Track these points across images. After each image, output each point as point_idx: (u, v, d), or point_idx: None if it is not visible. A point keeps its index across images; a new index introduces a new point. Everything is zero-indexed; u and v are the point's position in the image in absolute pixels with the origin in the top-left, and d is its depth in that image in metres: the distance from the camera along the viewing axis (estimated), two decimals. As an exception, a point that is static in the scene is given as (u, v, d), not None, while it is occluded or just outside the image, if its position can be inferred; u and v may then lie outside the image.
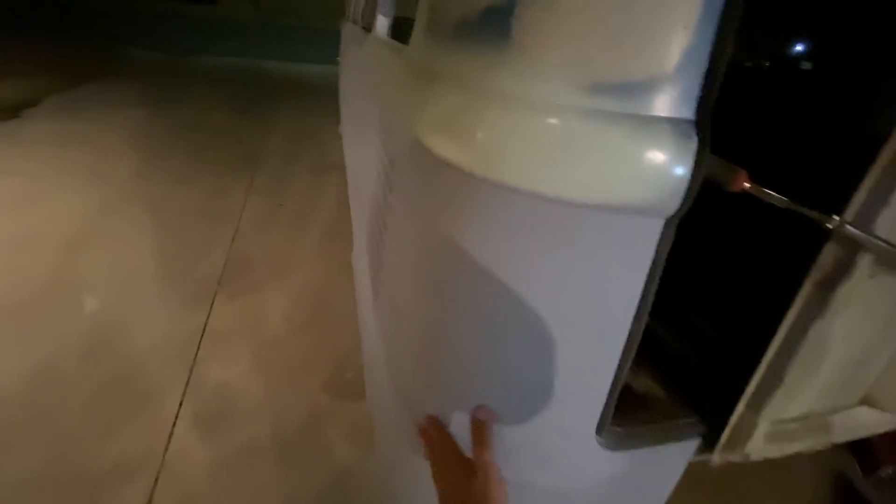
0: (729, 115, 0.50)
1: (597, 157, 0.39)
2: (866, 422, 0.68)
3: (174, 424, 1.63)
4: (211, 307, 2.22)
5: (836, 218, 0.43)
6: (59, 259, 2.46)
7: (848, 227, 0.42)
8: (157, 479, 1.45)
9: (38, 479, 1.42)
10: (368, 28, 1.42)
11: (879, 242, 0.43)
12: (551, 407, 0.52)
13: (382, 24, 1.20)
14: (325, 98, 5.54)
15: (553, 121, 0.38)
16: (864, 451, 1.32)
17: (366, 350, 1.16)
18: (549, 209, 0.40)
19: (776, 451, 0.62)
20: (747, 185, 0.43)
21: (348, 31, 2.74)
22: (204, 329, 2.08)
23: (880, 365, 0.61)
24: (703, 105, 0.39)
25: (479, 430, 0.52)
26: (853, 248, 0.46)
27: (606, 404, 0.52)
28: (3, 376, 1.73)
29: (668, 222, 0.42)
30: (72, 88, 5.70)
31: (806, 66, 0.94)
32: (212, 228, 2.92)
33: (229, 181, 3.63)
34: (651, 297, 0.46)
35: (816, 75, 0.86)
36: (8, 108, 4.68)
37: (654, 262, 0.44)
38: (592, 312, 0.46)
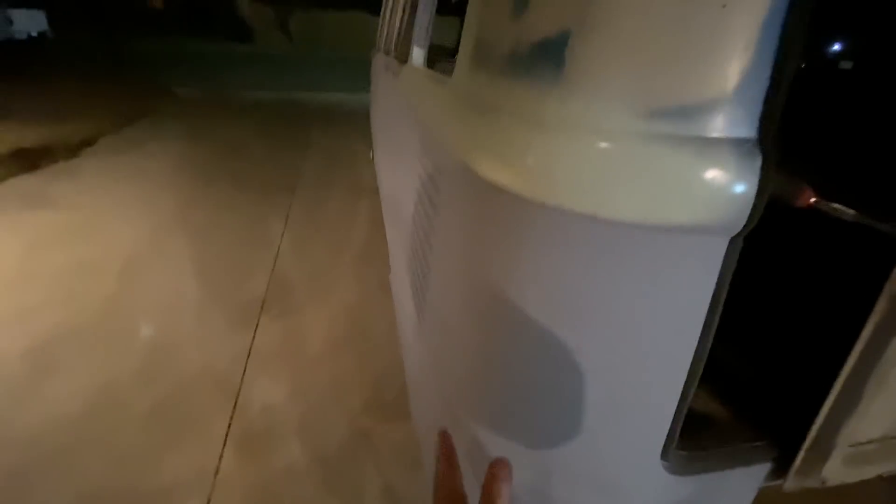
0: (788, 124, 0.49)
1: (656, 180, 0.39)
2: None
3: (224, 445, 1.68)
4: (255, 329, 2.29)
5: None
6: (114, 286, 2.61)
7: None
8: (209, 500, 1.49)
9: (97, 493, 1.49)
10: (403, 59, 1.48)
11: None
12: (616, 432, 0.51)
13: (419, 54, 1.24)
14: (356, 125, 5.73)
15: (609, 145, 0.39)
16: None
17: (409, 370, 1.17)
18: (609, 232, 0.41)
19: (855, 475, 0.58)
20: (813, 199, 0.43)
21: (379, 61, 2.84)
22: (249, 351, 2.15)
23: None
24: (766, 123, 0.39)
25: (492, 484, 0.44)
26: None
27: (672, 428, 0.51)
28: (67, 398, 1.83)
29: (732, 241, 0.42)
30: (125, 127, 6.13)
31: (859, 67, 0.90)
32: (254, 253, 3.04)
33: (269, 207, 3.78)
34: (717, 319, 0.45)
35: (873, 79, 0.83)
36: (70, 148, 5.07)
37: (720, 282, 0.43)
38: (657, 335, 0.46)
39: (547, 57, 0.42)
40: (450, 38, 1.20)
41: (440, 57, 1.04)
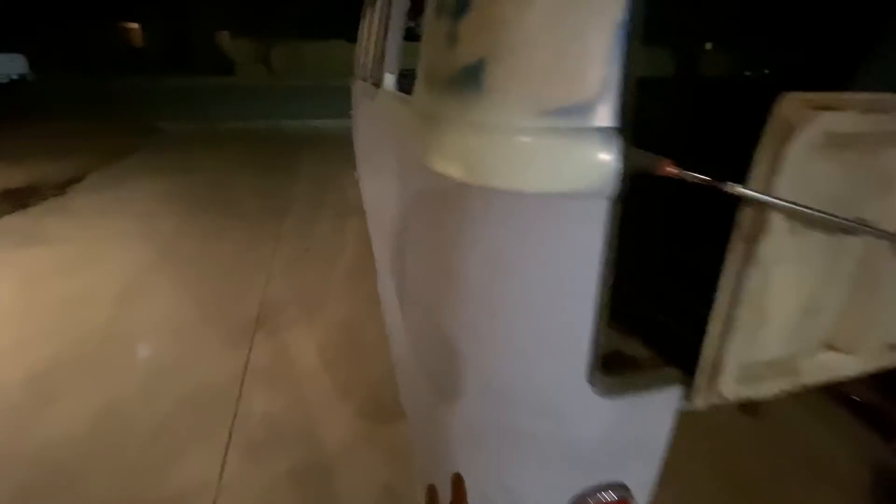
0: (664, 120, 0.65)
1: (550, 160, 0.54)
2: (833, 365, 0.76)
3: (226, 453, 1.76)
4: (251, 346, 2.39)
5: (738, 186, 0.56)
6: (112, 313, 2.69)
7: (748, 191, 0.55)
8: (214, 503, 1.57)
9: (108, 508, 1.56)
10: (377, 84, 1.65)
11: (775, 200, 0.56)
12: (548, 362, 0.64)
13: (389, 79, 1.41)
14: (339, 149, 5.88)
15: (516, 138, 0.54)
16: (884, 422, 1.36)
17: (397, 360, 1.29)
18: (523, 201, 0.55)
19: (749, 391, 0.71)
20: (672, 169, 0.57)
21: (358, 87, 3.03)
22: (246, 366, 2.24)
23: (833, 313, 0.72)
24: (622, 117, 0.54)
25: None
26: (762, 209, 0.58)
27: (592, 355, 0.64)
28: (72, 418, 1.91)
29: (611, 201, 0.56)
30: (112, 164, 6.23)
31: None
32: (246, 276, 3.14)
33: (259, 232, 3.90)
34: (611, 262, 0.59)
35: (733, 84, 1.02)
36: (58, 185, 5.15)
37: (608, 234, 0.57)
38: (568, 277, 0.59)
39: (471, 79, 0.57)
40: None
41: (407, 80, 1.20)
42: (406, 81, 1.28)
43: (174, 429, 1.88)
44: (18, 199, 4.64)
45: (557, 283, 0.60)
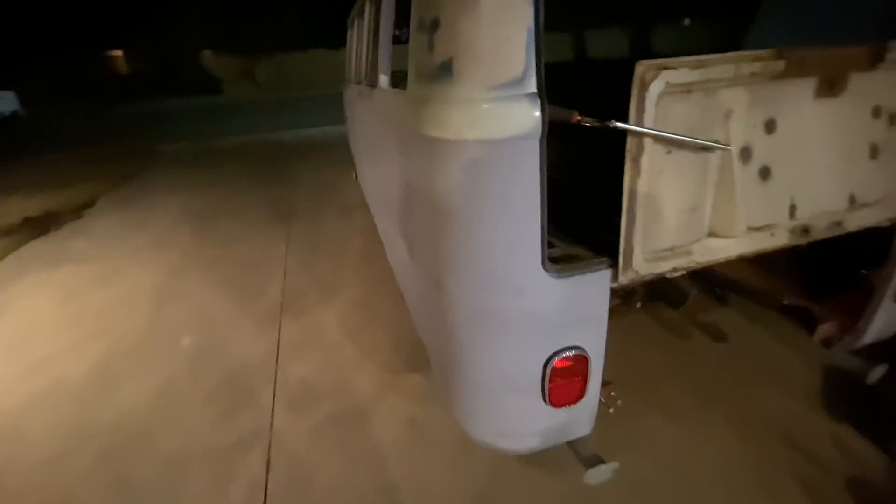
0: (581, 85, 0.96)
1: (499, 117, 0.85)
2: (717, 248, 1.07)
3: (273, 409, 2.08)
4: (280, 327, 2.70)
5: (619, 123, 0.87)
6: (150, 313, 3.00)
7: (623, 124, 0.87)
8: (269, 445, 1.89)
9: (181, 457, 1.87)
10: (373, 85, 1.96)
11: (641, 129, 0.87)
12: (515, 256, 0.95)
13: (384, 79, 1.72)
14: (334, 154, 6.19)
15: (477, 105, 0.86)
16: (802, 317, 1.68)
17: (410, 302, 1.61)
18: (485, 146, 0.87)
19: (656, 268, 1.02)
20: (579, 118, 0.88)
21: (352, 91, 3.34)
22: (278, 343, 2.55)
23: (709, 208, 1.03)
24: (539, 84, 0.86)
25: None
26: (639, 138, 0.89)
27: (542, 248, 0.95)
28: (135, 397, 2.22)
29: (540, 142, 0.87)
30: (119, 186, 6.53)
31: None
32: (265, 272, 3.46)
33: (271, 235, 4.20)
34: (545, 185, 0.89)
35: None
36: (72, 210, 5.46)
37: (541, 166, 0.88)
38: (519, 199, 0.90)
39: (445, 71, 0.88)
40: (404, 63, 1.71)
41: (398, 79, 1.51)
42: (396, 79, 1.60)
43: (224, 396, 2.19)
44: (39, 226, 4.95)
45: (514, 200, 0.91)
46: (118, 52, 23.17)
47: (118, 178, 6.93)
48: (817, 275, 1.66)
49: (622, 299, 2.09)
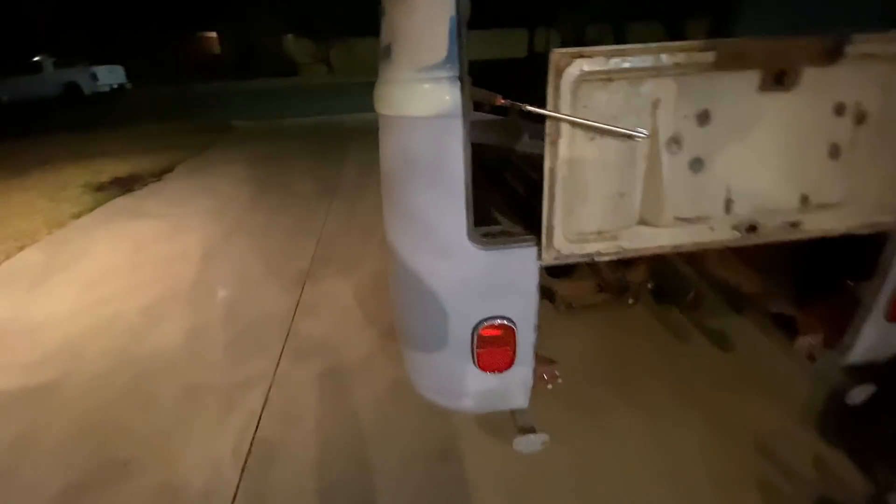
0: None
1: (424, 96, 0.96)
2: (646, 235, 1.09)
3: (280, 358, 2.33)
4: (302, 290, 2.96)
5: (534, 107, 0.93)
6: (199, 267, 3.39)
7: (535, 108, 0.93)
8: (270, 387, 2.13)
9: (200, 385, 2.17)
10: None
11: (554, 114, 0.92)
12: (443, 221, 1.05)
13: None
14: (386, 136, 6.37)
15: (407, 85, 0.97)
16: (788, 325, 1.61)
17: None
18: (415, 121, 0.98)
19: (578, 249, 1.07)
20: (502, 101, 0.96)
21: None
22: (297, 303, 2.81)
23: (637, 196, 1.06)
24: (461, 68, 0.95)
25: None
26: (555, 123, 0.95)
27: (468, 219, 1.04)
28: (172, 334, 2.57)
29: (463, 120, 0.96)
30: (196, 156, 7.23)
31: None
32: (301, 241, 3.76)
33: (313, 208, 4.52)
34: (469, 161, 0.98)
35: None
36: (154, 174, 6.15)
37: (465, 140, 0.97)
38: (446, 168, 1.00)
39: (387, 53, 1.00)
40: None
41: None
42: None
43: (243, 342, 2.48)
44: (125, 185, 5.65)
45: (439, 173, 1.01)
46: (212, 34, 25.15)
47: (196, 149, 7.66)
48: (805, 281, 1.60)
49: (613, 294, 2.10)
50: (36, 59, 16.34)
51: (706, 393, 1.97)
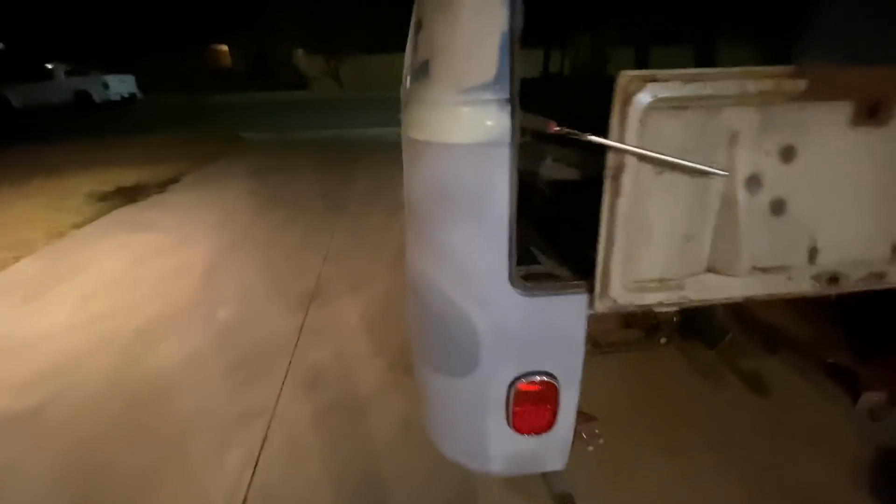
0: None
1: (469, 121, 0.83)
2: (715, 285, 0.95)
3: (282, 389, 2.17)
4: (307, 312, 2.82)
5: (596, 137, 0.81)
6: (200, 284, 3.26)
7: (600, 139, 0.80)
8: (269, 423, 1.97)
9: (195, 418, 2.01)
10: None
11: (622, 145, 0.79)
12: (481, 264, 0.91)
13: (408, 80, 1.76)
14: (395, 154, 6.34)
15: (448, 108, 0.85)
16: (845, 378, 1.45)
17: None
18: (457, 149, 0.84)
19: (638, 299, 0.93)
20: (556, 128, 0.83)
21: (401, 90, 3.43)
22: (301, 327, 2.66)
23: (708, 240, 0.92)
24: (511, 90, 0.82)
25: None
26: (620, 154, 0.82)
27: (510, 261, 0.90)
28: (169, 357, 2.42)
29: (510, 149, 0.83)
30: (202, 167, 7.15)
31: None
32: (307, 258, 3.62)
33: (320, 224, 4.40)
34: (515, 196, 0.85)
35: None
36: (159, 184, 6.06)
37: (512, 172, 0.84)
38: (488, 205, 0.87)
39: (424, 71, 0.88)
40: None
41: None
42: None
43: (243, 369, 2.32)
44: (129, 195, 5.56)
45: (481, 208, 0.88)
46: (224, 47, 25.51)
47: (203, 160, 7.59)
48: (870, 332, 1.44)
49: (645, 333, 1.94)
50: (48, 66, 16.51)
51: (746, 444, 1.79)
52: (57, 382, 2.28)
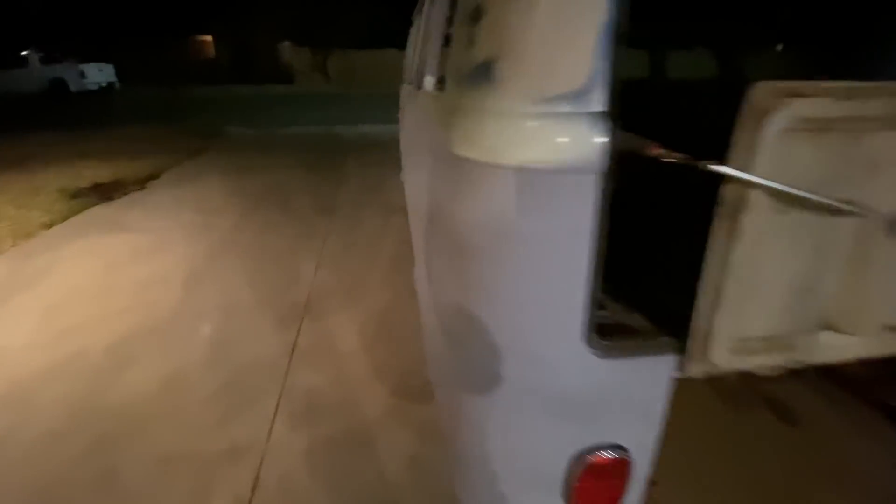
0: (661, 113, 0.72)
1: (549, 139, 0.63)
2: (833, 345, 0.78)
3: (273, 419, 1.94)
4: (299, 328, 2.59)
5: (717, 164, 0.62)
6: (180, 295, 2.99)
7: (724, 168, 0.61)
8: (261, 461, 1.75)
9: (172, 456, 1.78)
10: (420, 86, 1.79)
11: (752, 177, 0.61)
12: (548, 319, 0.72)
13: (429, 81, 1.54)
14: (386, 152, 6.12)
15: (521, 122, 0.64)
16: None
17: (428, 336, 1.41)
18: (531, 174, 0.65)
19: (741, 362, 0.75)
20: (658, 150, 0.65)
21: (405, 91, 3.20)
22: (294, 346, 2.43)
23: (829, 292, 0.75)
24: (610, 103, 0.63)
25: None
26: (742, 187, 0.64)
27: (587, 316, 0.72)
28: (144, 381, 2.17)
29: (602, 177, 0.64)
30: (185, 163, 6.81)
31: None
32: (297, 265, 3.39)
33: (310, 227, 4.16)
34: (604, 236, 0.66)
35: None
36: (138, 181, 5.72)
37: (598, 206, 0.65)
38: (566, 245, 0.68)
39: (484, 73, 0.68)
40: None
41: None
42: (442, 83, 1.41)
43: (229, 395, 2.09)
44: (105, 193, 5.21)
45: (556, 249, 0.69)
46: (207, 38, 24.72)
47: (185, 155, 7.24)
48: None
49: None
50: (22, 53, 15.75)
51: (781, 484, 1.65)
52: (14, 412, 2.01)
